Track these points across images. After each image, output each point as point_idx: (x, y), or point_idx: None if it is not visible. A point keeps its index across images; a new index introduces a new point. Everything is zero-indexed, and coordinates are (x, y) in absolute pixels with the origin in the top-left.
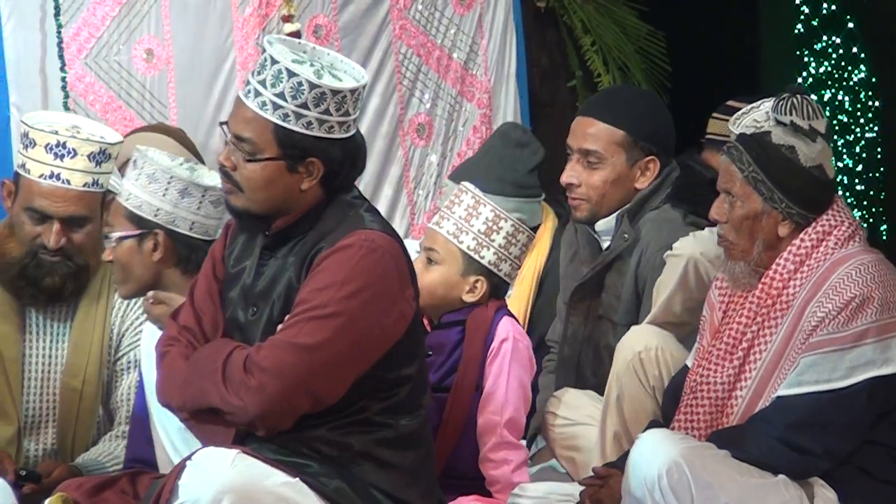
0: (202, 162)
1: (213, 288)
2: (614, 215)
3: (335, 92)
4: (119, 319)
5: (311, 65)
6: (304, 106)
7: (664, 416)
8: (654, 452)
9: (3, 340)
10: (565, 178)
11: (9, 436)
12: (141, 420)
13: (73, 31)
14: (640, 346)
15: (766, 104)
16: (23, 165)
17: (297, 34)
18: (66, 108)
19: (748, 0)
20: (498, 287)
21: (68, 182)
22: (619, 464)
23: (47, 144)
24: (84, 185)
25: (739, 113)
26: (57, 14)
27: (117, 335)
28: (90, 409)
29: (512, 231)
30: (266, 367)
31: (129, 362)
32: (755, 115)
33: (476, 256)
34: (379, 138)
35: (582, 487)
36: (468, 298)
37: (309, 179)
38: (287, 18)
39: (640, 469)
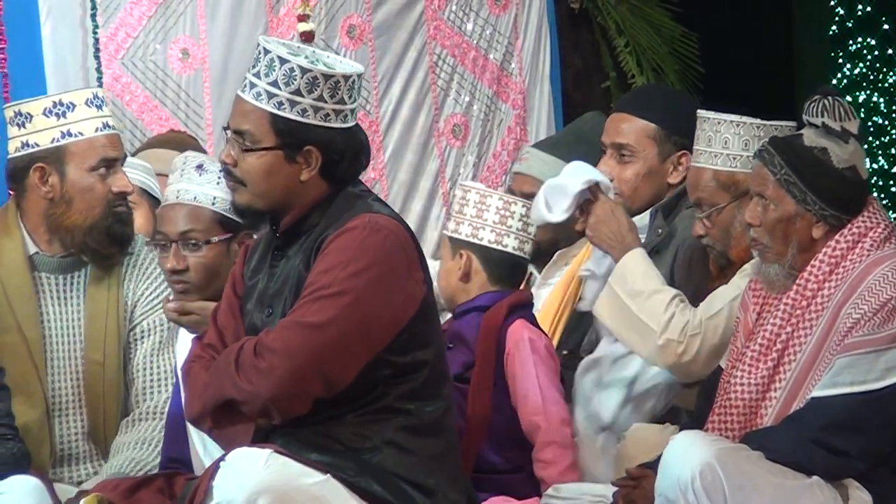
0: None
1: (233, 304)
2: (648, 211)
3: (327, 77)
4: (131, 288)
5: (306, 57)
6: (298, 93)
7: (697, 418)
8: (688, 453)
9: (25, 321)
10: (598, 169)
11: (37, 417)
12: (177, 421)
13: (111, 32)
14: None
15: None
16: (67, 133)
17: (310, 34)
18: None
19: (783, 1)
20: (496, 262)
21: (113, 127)
22: (653, 465)
23: (86, 100)
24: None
25: None
26: (94, 15)
27: (131, 304)
28: (115, 382)
29: (501, 205)
30: (275, 348)
31: (143, 331)
32: None
33: (455, 235)
34: (413, 139)
35: (615, 488)
36: (458, 277)
37: (308, 170)
38: (302, 18)
39: (674, 470)
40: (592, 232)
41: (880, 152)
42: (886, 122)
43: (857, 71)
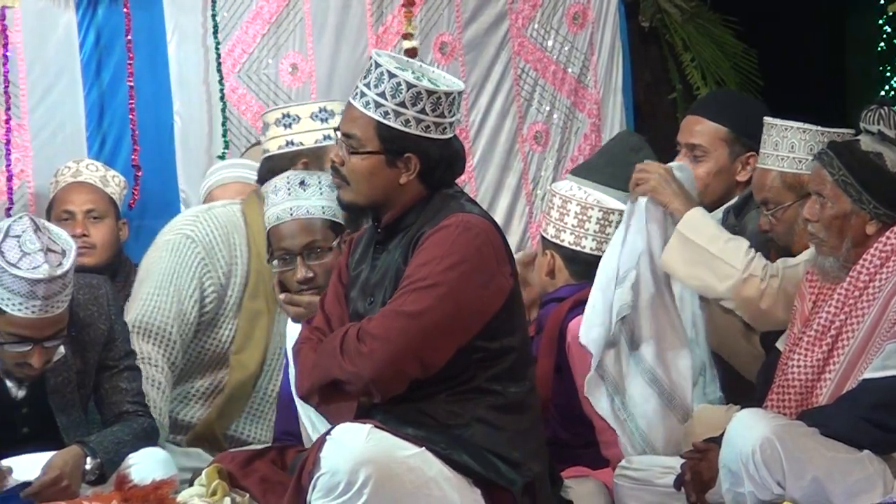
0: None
1: (339, 292)
2: (721, 210)
3: (430, 93)
4: None
5: (413, 73)
6: (403, 105)
7: (757, 398)
8: (749, 429)
9: (271, 295)
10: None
11: (245, 380)
12: (288, 399)
13: (228, 48)
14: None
15: None
16: (328, 136)
17: (413, 51)
18: (224, 116)
19: (835, 20)
20: (576, 261)
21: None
22: (717, 439)
23: (342, 111)
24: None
25: None
26: (215, 32)
27: None
28: None
29: (579, 210)
30: (376, 334)
31: None
32: None
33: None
34: (499, 145)
35: (683, 460)
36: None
37: (407, 174)
38: (407, 36)
39: (736, 444)
40: (658, 188)
41: None
42: None
43: None
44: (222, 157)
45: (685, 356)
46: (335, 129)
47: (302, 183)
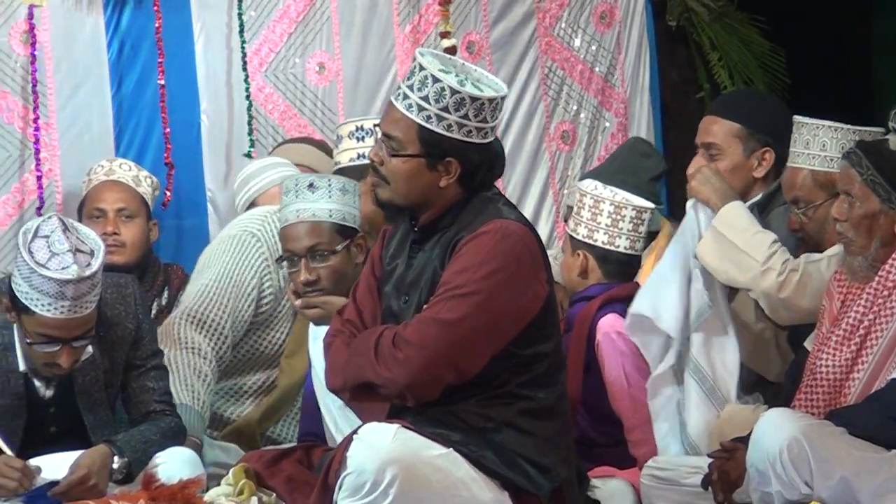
0: None
1: (371, 285)
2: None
3: (474, 99)
4: None
5: (457, 76)
6: (446, 109)
7: (785, 397)
8: (776, 428)
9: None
10: (690, 168)
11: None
12: (312, 400)
13: (255, 47)
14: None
15: None
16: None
17: (452, 49)
18: (250, 115)
19: (862, 19)
20: (609, 261)
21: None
22: (745, 439)
23: (350, 133)
24: None
25: None
26: (241, 32)
27: None
28: None
29: (613, 210)
30: (412, 341)
31: None
32: None
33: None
34: (526, 144)
35: (710, 460)
36: (576, 274)
37: (447, 178)
38: (445, 34)
39: (763, 444)
40: (698, 188)
41: None
42: None
43: None
44: (248, 156)
45: (732, 350)
46: (374, 125)
47: (311, 185)
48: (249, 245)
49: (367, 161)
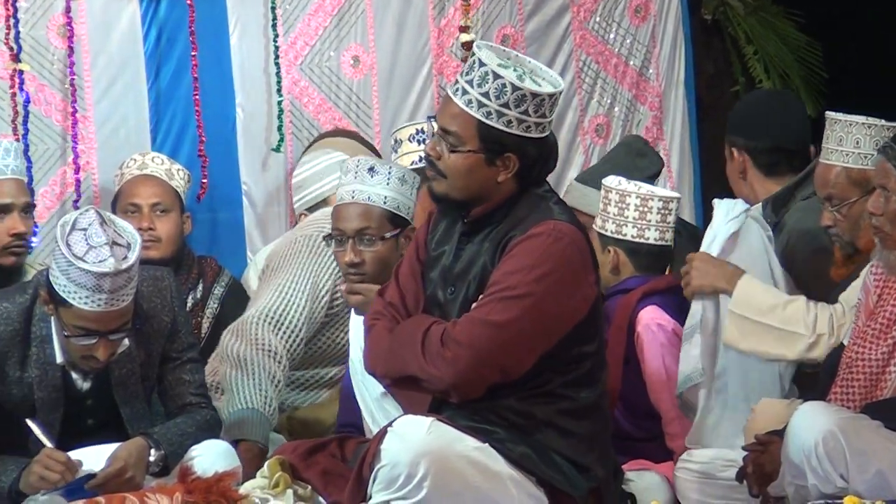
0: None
1: (415, 269)
2: (759, 204)
3: (535, 95)
4: None
5: (515, 70)
6: (506, 106)
7: (820, 391)
8: (812, 422)
9: None
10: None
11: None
12: (349, 392)
13: (291, 41)
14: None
15: None
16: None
17: (470, 44)
18: (280, 109)
19: None
20: (641, 254)
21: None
22: (780, 432)
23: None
24: None
25: None
26: (274, 25)
27: None
28: None
29: (639, 202)
30: (461, 340)
31: None
32: None
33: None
34: (560, 138)
35: (744, 453)
36: (609, 270)
37: (505, 173)
38: (464, 28)
39: (799, 437)
40: (699, 282)
41: None
42: None
43: None
44: (277, 150)
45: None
46: (429, 117)
47: (371, 169)
48: (324, 246)
49: None
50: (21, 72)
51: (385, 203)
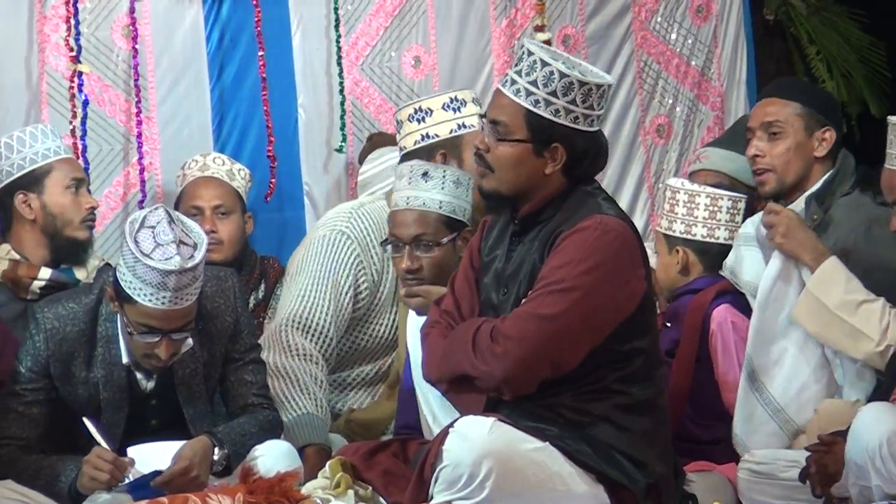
0: None
1: (470, 276)
2: (803, 198)
3: (582, 83)
4: None
5: (564, 63)
6: (554, 94)
7: (884, 392)
8: (876, 422)
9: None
10: (750, 151)
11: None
12: (409, 392)
13: (352, 41)
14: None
15: None
16: (462, 125)
17: (548, 43)
18: (342, 109)
19: None
20: (711, 253)
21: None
22: (843, 432)
23: (472, 98)
24: None
25: None
26: (336, 26)
27: None
28: None
29: (709, 202)
30: (510, 335)
31: None
32: None
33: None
34: (621, 138)
35: (808, 454)
36: (677, 271)
37: (553, 164)
38: (540, 28)
39: (862, 437)
40: (785, 239)
41: None
42: None
43: None
44: (339, 150)
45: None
46: (481, 116)
47: (425, 174)
48: (341, 244)
49: (433, 141)
50: (80, 73)
51: (440, 208)
